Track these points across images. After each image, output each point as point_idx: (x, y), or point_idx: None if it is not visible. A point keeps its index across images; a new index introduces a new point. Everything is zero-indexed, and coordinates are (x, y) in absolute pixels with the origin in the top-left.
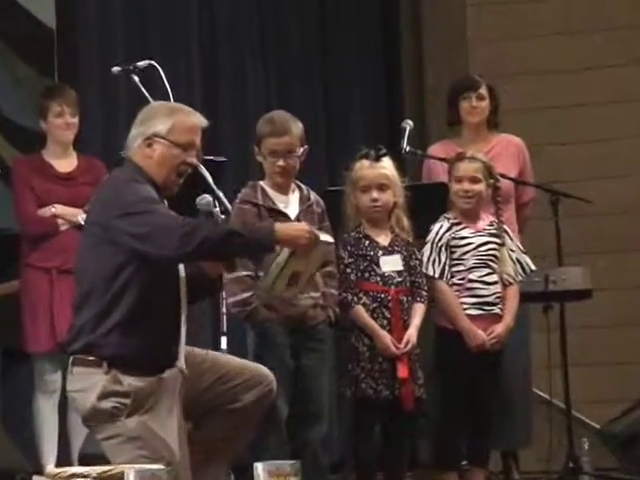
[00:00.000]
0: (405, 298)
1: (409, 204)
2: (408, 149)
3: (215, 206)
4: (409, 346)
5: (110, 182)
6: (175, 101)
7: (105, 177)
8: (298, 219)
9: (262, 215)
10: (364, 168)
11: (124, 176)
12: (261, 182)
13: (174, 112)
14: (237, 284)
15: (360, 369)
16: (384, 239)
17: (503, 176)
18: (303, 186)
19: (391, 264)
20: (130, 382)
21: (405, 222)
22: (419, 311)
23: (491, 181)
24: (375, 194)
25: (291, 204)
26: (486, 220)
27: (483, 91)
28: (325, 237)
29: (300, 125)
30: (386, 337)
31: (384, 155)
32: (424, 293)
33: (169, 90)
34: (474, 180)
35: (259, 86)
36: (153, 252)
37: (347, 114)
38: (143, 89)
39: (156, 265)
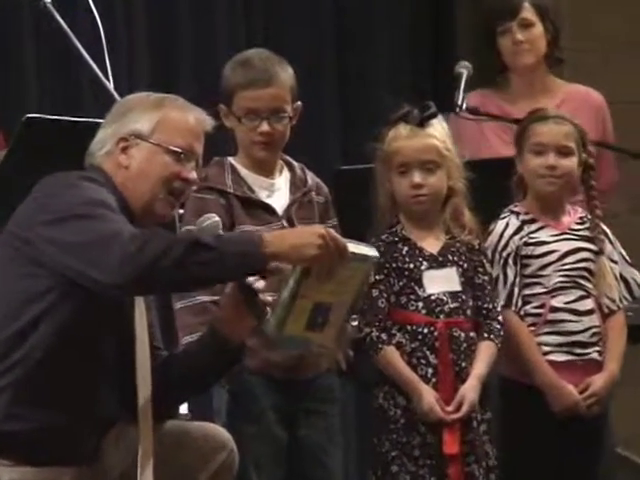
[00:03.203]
0: (462, 334)
1: (473, 190)
2: (465, 106)
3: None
4: (464, 409)
5: (49, 179)
6: (110, 40)
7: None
8: (288, 215)
9: (233, 208)
10: (402, 137)
11: (75, 175)
12: (231, 158)
13: (163, 104)
14: (194, 315)
15: (390, 443)
16: (433, 244)
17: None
18: (295, 163)
19: (441, 282)
20: (13, 476)
21: (467, 217)
22: (486, 354)
23: (584, 156)
24: (418, 177)
25: (278, 191)
26: (573, 215)
27: (528, 14)
28: (358, 247)
29: (290, 70)
30: (429, 394)
31: (433, 116)
32: (497, 326)
33: (99, 22)
34: (564, 151)
35: (236, 14)
36: (86, 273)
37: (372, 54)
38: (60, 19)
39: (93, 296)
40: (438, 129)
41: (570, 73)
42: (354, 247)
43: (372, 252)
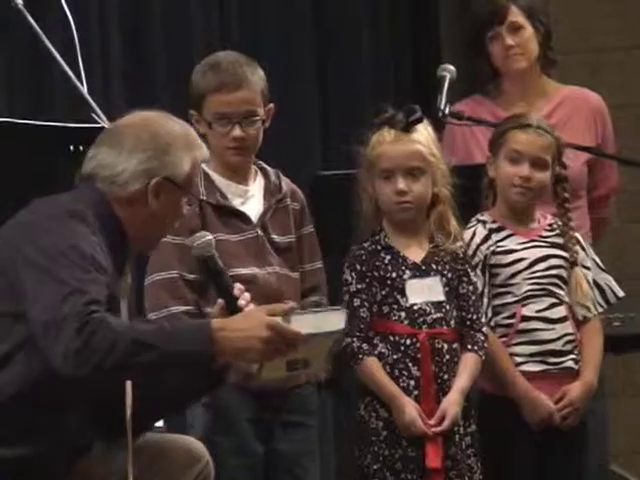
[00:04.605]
0: (445, 345)
1: (459, 197)
2: (448, 110)
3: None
4: (446, 422)
5: (39, 206)
6: (84, 41)
7: None
8: (263, 223)
9: (206, 216)
10: (386, 142)
11: (68, 207)
12: (204, 165)
13: (192, 142)
14: (167, 291)
15: (372, 456)
16: (416, 252)
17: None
18: (270, 169)
19: (424, 292)
20: None
21: (453, 225)
22: (469, 366)
23: (557, 168)
24: (402, 183)
25: (252, 198)
26: (543, 222)
27: (517, 17)
28: (321, 322)
29: (260, 72)
30: (411, 407)
31: (418, 121)
32: (481, 338)
33: (70, 18)
34: (540, 163)
35: (210, 13)
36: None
37: (353, 55)
38: (28, 16)
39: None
40: (423, 134)
41: (559, 78)
42: (316, 324)
43: (337, 325)
